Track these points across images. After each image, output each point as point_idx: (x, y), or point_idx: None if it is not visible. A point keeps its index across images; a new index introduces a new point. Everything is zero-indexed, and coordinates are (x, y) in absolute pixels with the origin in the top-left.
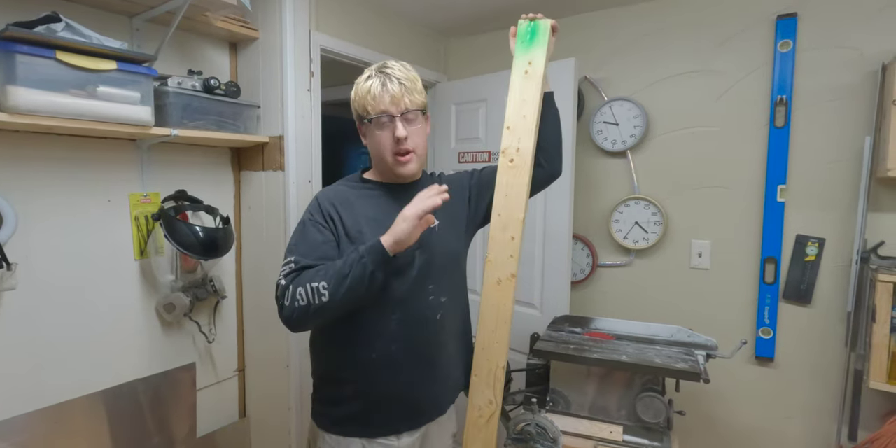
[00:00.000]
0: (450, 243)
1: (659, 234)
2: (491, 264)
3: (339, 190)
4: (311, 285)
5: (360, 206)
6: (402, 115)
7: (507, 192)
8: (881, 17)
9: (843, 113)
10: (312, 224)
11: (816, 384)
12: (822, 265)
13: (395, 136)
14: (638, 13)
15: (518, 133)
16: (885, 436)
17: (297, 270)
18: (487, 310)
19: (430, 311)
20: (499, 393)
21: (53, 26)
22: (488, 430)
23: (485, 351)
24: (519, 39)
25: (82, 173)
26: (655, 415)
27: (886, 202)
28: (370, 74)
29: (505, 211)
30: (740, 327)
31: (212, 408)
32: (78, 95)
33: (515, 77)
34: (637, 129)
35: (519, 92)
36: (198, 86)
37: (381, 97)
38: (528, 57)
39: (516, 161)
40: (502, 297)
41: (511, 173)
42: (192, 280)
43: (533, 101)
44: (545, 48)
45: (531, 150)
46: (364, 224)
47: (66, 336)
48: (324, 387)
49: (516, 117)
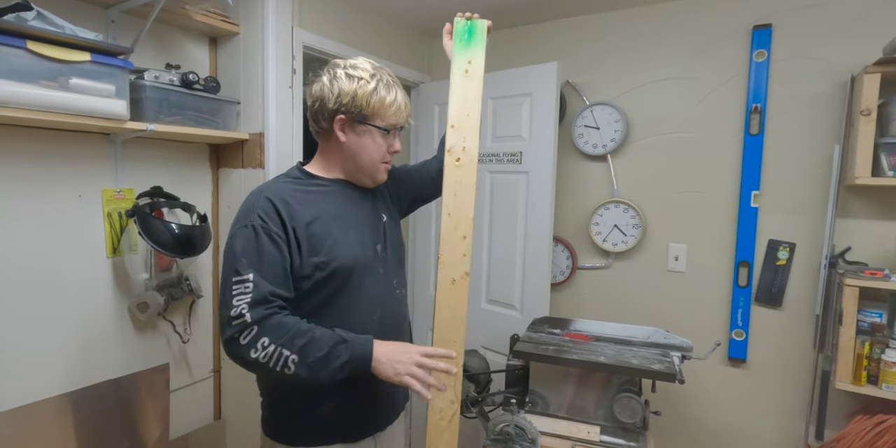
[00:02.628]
0: (398, 235)
1: (637, 237)
2: (444, 265)
3: (288, 187)
4: (282, 351)
5: (320, 202)
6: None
7: (456, 191)
8: (851, 30)
9: (814, 122)
10: (267, 233)
11: (786, 385)
12: (793, 269)
13: (393, 149)
14: (620, 19)
15: (463, 132)
16: (849, 435)
17: (266, 303)
18: (443, 310)
19: (398, 305)
20: (459, 391)
21: (24, 15)
22: (451, 430)
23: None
24: (457, 38)
25: (52, 167)
26: (632, 415)
27: (854, 209)
28: (385, 80)
29: (455, 210)
30: (714, 329)
31: (186, 409)
32: (49, 87)
33: (456, 77)
34: (617, 133)
35: (461, 91)
36: (176, 80)
37: (402, 112)
38: (467, 56)
39: (463, 159)
40: (457, 296)
41: (458, 172)
42: (167, 279)
43: (475, 100)
44: (483, 47)
45: (477, 148)
46: (331, 223)
47: (31, 336)
48: (292, 394)
49: (460, 116)
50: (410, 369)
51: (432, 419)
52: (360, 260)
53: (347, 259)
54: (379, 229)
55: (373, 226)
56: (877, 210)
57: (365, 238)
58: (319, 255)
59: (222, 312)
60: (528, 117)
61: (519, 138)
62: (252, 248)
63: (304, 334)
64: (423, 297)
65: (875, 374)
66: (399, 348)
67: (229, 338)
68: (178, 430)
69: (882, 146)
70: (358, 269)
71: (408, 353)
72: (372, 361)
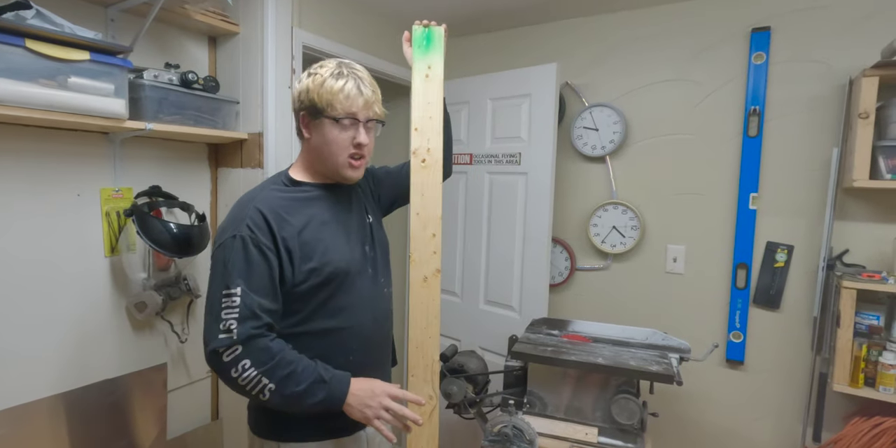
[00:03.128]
0: (383, 234)
1: (636, 238)
2: (415, 263)
3: (276, 196)
4: (261, 378)
5: (308, 209)
6: (366, 122)
7: (423, 192)
8: (849, 33)
9: (812, 124)
10: (256, 245)
11: (784, 387)
12: (791, 271)
13: (357, 142)
14: (619, 21)
15: (427, 134)
16: (846, 437)
17: (254, 319)
18: (417, 308)
19: (386, 303)
20: (436, 386)
21: (23, 13)
22: (431, 425)
23: (419, 348)
24: (416, 45)
25: (51, 166)
26: (630, 416)
27: (852, 211)
28: (339, 71)
29: (423, 210)
30: (712, 331)
31: (183, 409)
32: (48, 86)
33: (417, 81)
34: (616, 134)
35: (422, 95)
36: (175, 79)
37: (355, 99)
38: (426, 61)
39: (428, 161)
40: (430, 293)
41: (424, 173)
42: (165, 278)
43: (437, 103)
44: (441, 53)
45: (440, 148)
46: (320, 228)
47: (29, 334)
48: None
49: (423, 119)
50: (378, 413)
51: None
52: (352, 262)
53: (341, 263)
54: (366, 230)
55: (360, 228)
56: (874, 213)
57: (354, 240)
58: (312, 261)
59: (208, 321)
60: (527, 118)
61: (518, 139)
62: (241, 260)
63: (288, 366)
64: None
65: (872, 377)
66: (368, 392)
67: (213, 350)
68: (176, 430)
69: (880, 149)
70: (351, 271)
71: (376, 397)
72: (344, 404)
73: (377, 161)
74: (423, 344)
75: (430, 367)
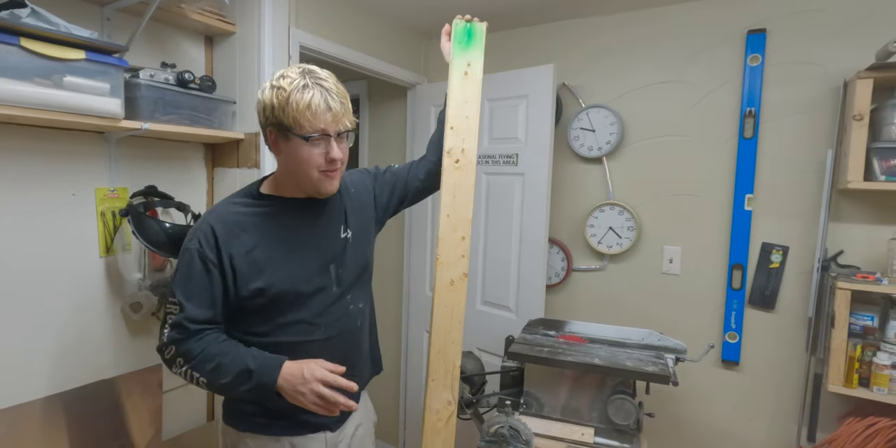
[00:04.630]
0: (361, 252)
1: (632, 239)
2: (442, 266)
3: (233, 211)
4: (193, 373)
5: (265, 225)
6: (337, 136)
7: (455, 193)
8: (844, 35)
9: (807, 126)
10: (202, 258)
11: (779, 387)
12: (786, 272)
13: (330, 157)
14: (616, 22)
15: (462, 133)
16: (841, 437)
17: (179, 328)
18: (441, 311)
19: (352, 320)
20: (455, 392)
21: (18, 12)
22: (447, 431)
23: (441, 353)
24: (456, 40)
25: (46, 166)
26: (626, 417)
27: (846, 213)
28: (304, 83)
29: (454, 211)
30: (708, 331)
31: (179, 410)
32: (43, 84)
33: (455, 78)
34: (613, 136)
35: (460, 92)
36: (171, 79)
37: (323, 115)
38: (466, 58)
39: (462, 161)
40: (456, 297)
41: (457, 174)
42: (161, 279)
43: (474, 102)
44: (482, 50)
45: (475, 149)
46: (273, 248)
47: (23, 335)
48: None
49: (459, 118)
50: (312, 399)
51: (429, 420)
52: (305, 283)
53: (286, 284)
54: (334, 248)
55: (327, 245)
56: (869, 214)
57: (312, 259)
58: (259, 280)
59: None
60: (524, 119)
61: (515, 140)
62: (185, 272)
63: (212, 359)
64: (419, 298)
65: (867, 377)
66: (299, 379)
67: (158, 348)
68: (171, 431)
69: (874, 151)
70: (304, 291)
71: (307, 384)
72: (276, 389)
73: (377, 160)
74: (446, 349)
75: (451, 373)
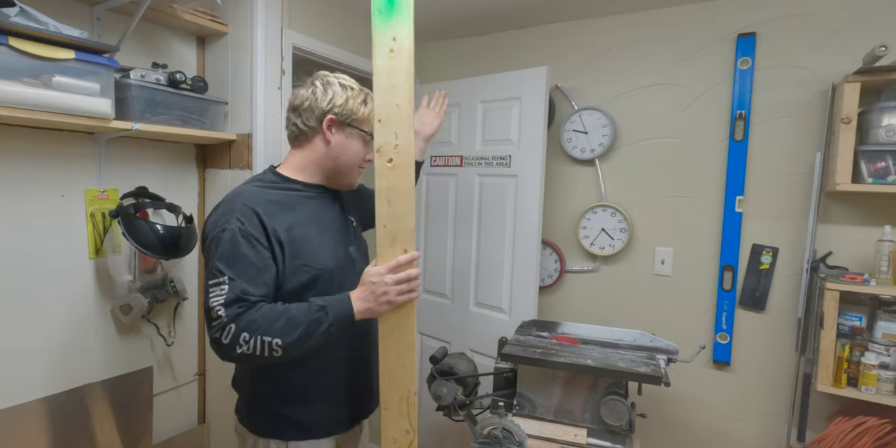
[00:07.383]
0: (363, 239)
1: (624, 241)
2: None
3: (263, 192)
4: (263, 339)
5: (297, 206)
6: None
7: (391, 198)
8: (833, 39)
9: (796, 129)
10: (244, 236)
11: (769, 387)
12: (776, 273)
13: (368, 158)
14: (608, 25)
15: (393, 126)
16: (830, 436)
17: (239, 302)
18: (388, 335)
19: None
20: (414, 419)
21: (6, 11)
22: None
23: (391, 379)
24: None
25: (34, 167)
26: (619, 418)
27: (835, 214)
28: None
29: (391, 221)
30: (699, 332)
31: (169, 413)
32: (32, 84)
33: (379, 58)
34: (605, 138)
35: (387, 76)
36: (162, 79)
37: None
38: (390, 32)
39: (396, 160)
40: (402, 319)
41: (392, 175)
42: (151, 281)
43: (405, 85)
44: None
45: (412, 145)
46: (308, 227)
47: (11, 338)
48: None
49: (389, 107)
50: (396, 290)
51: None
52: (338, 262)
53: (328, 261)
54: (349, 232)
55: (344, 229)
56: (857, 216)
57: (339, 241)
58: (300, 258)
59: (206, 317)
60: (517, 121)
61: (508, 142)
62: (228, 251)
63: (280, 316)
64: None
65: (855, 377)
66: (370, 287)
67: (213, 340)
68: (162, 434)
69: (862, 153)
70: (337, 270)
71: (382, 285)
72: (356, 314)
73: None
74: (396, 375)
75: (406, 400)
